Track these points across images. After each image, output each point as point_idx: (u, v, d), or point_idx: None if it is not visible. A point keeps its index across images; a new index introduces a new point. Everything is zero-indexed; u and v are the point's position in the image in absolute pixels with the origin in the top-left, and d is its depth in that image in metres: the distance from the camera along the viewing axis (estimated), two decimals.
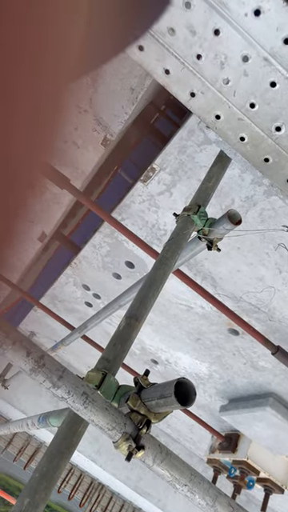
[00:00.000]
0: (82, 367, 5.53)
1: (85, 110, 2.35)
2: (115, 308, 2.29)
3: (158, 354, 4.11)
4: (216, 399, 4.11)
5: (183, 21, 0.87)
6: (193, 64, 0.93)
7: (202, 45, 0.90)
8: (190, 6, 0.85)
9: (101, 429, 0.96)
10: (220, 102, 0.95)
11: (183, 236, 1.46)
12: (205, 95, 0.96)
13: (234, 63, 0.89)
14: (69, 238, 4.58)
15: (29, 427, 2.00)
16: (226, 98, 0.94)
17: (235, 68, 0.89)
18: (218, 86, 0.93)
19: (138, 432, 0.96)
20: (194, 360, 3.84)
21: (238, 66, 0.89)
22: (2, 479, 19.37)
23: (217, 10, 0.83)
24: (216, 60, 0.90)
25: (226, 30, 0.86)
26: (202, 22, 0.86)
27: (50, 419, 1.70)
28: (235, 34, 0.85)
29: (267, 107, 0.93)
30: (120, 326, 1.25)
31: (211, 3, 0.82)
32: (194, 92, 0.97)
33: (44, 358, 0.93)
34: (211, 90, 0.94)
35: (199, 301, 3.10)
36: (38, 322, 4.89)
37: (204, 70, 0.92)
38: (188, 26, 0.88)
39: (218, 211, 2.36)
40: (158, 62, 0.95)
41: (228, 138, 1.01)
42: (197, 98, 0.97)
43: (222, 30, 0.86)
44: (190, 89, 0.97)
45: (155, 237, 2.84)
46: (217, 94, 0.95)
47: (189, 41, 0.90)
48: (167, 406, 0.94)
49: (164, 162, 2.34)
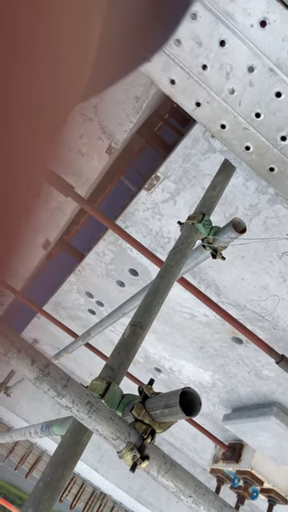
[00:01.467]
0: (85, 375, 5.51)
1: (90, 118, 2.36)
2: (119, 316, 2.28)
3: (161, 362, 4.09)
4: (219, 408, 4.08)
5: (189, 32, 0.88)
6: (198, 74, 0.93)
7: (208, 55, 0.91)
8: (196, 17, 0.86)
9: (105, 438, 0.95)
10: (225, 112, 0.96)
11: (188, 244, 1.46)
12: (210, 105, 0.97)
13: (240, 73, 0.90)
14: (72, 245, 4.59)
15: (32, 436, 1.99)
16: (232, 108, 0.94)
17: (241, 78, 0.90)
18: (224, 95, 0.94)
19: (143, 442, 0.95)
20: (197, 368, 3.82)
21: (243, 76, 0.90)
22: (3, 487, 19.23)
23: (222, 21, 0.84)
24: (221, 70, 0.90)
25: (231, 40, 0.86)
26: (208, 33, 0.87)
27: (53, 428, 1.69)
28: (241, 45, 0.86)
29: (273, 117, 0.94)
30: (124, 333, 1.24)
31: (217, 14, 0.83)
32: (199, 102, 0.98)
33: (49, 366, 0.93)
34: (216, 99, 0.95)
35: (203, 309, 3.10)
36: (41, 329, 4.88)
37: (209, 80, 0.93)
38: (194, 37, 0.89)
39: (222, 219, 2.36)
40: (164, 72, 0.96)
41: (233, 148, 1.01)
42: (202, 108, 0.98)
43: (227, 41, 0.87)
44: (196, 99, 0.98)
45: (159, 245, 2.84)
46: (222, 104, 0.95)
47: (195, 52, 0.91)
48: (172, 416, 0.94)
49: (168, 170, 2.35)
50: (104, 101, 2.23)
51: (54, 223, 3.33)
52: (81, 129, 2.46)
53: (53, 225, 3.35)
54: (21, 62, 0.14)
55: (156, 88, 2.05)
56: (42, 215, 3.28)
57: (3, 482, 19.17)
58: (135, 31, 0.25)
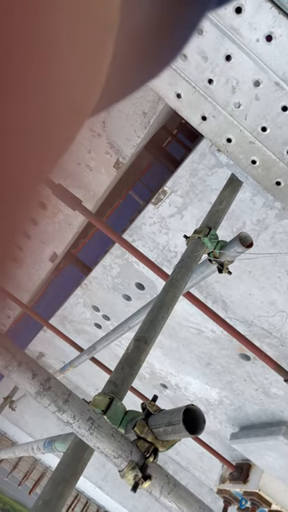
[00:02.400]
0: (91, 389, 5.45)
1: (98, 133, 2.38)
2: (125, 330, 2.26)
3: (167, 378, 4.04)
4: (226, 426, 4.00)
5: (195, 47, 0.89)
6: (204, 88, 0.93)
7: (214, 70, 0.91)
8: (202, 32, 0.86)
9: (106, 456, 0.93)
10: (231, 126, 0.96)
11: (194, 258, 1.45)
12: (216, 119, 0.97)
13: (246, 88, 0.90)
14: (79, 258, 4.60)
15: (34, 451, 1.96)
16: (238, 122, 0.94)
17: (247, 92, 0.90)
18: (230, 109, 0.94)
19: (145, 461, 0.93)
20: (204, 385, 3.76)
21: (249, 90, 0.90)
22: (7, 503, 18.95)
23: (228, 36, 0.84)
24: (227, 85, 0.91)
25: (237, 55, 0.87)
26: (214, 48, 0.87)
27: (56, 444, 1.66)
28: (247, 60, 0.86)
29: (279, 131, 0.93)
30: (128, 348, 1.22)
31: (223, 30, 0.84)
32: (205, 116, 0.98)
33: (50, 380, 0.91)
34: (222, 113, 0.95)
35: (210, 324, 3.06)
36: (48, 343, 4.86)
37: (215, 94, 0.93)
38: (200, 52, 0.89)
39: (229, 234, 2.35)
40: (170, 86, 0.96)
41: (239, 162, 1.00)
42: (208, 122, 0.98)
43: (233, 56, 0.87)
44: (202, 112, 0.98)
45: (166, 259, 2.83)
46: (228, 118, 0.95)
47: (201, 66, 0.91)
48: (175, 434, 0.91)
49: (175, 185, 2.35)
50: (112, 116, 2.25)
51: (61, 236, 3.34)
52: (89, 144, 2.49)
53: (60, 238, 3.36)
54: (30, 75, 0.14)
55: (163, 103, 2.07)
56: (49, 228, 3.30)
57: (7, 498, 18.90)
58: (144, 47, 0.25)
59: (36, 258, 3.77)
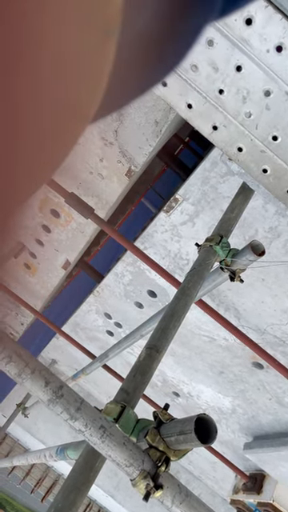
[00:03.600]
0: (103, 396, 5.45)
1: (110, 142, 2.41)
2: (136, 338, 2.26)
3: (179, 386, 4.02)
4: (240, 436, 3.95)
5: (206, 58, 0.90)
6: (215, 98, 0.94)
7: (225, 80, 0.92)
8: (213, 43, 0.87)
9: (118, 465, 0.93)
10: (242, 135, 0.96)
11: (205, 266, 1.45)
12: (227, 128, 0.97)
13: (256, 97, 0.90)
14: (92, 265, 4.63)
15: (46, 459, 1.96)
16: (249, 131, 0.95)
17: (257, 102, 0.91)
18: (241, 119, 0.94)
19: (157, 470, 0.93)
20: (216, 394, 3.73)
21: (260, 100, 0.90)
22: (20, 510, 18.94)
23: (239, 47, 0.85)
24: (238, 95, 0.91)
25: (247, 66, 0.87)
26: (225, 59, 0.88)
27: (68, 451, 1.67)
28: (257, 70, 0.87)
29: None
30: (140, 356, 1.23)
31: (233, 41, 0.85)
32: (216, 125, 0.99)
33: (62, 388, 0.92)
34: (233, 123, 0.96)
35: (222, 332, 3.04)
36: (60, 350, 4.88)
37: (226, 104, 0.94)
38: (210, 63, 0.90)
39: (241, 242, 2.34)
40: (181, 96, 0.97)
41: (251, 170, 1.01)
42: (219, 131, 0.99)
43: (243, 66, 0.88)
44: (213, 122, 0.98)
45: (177, 266, 2.83)
46: (239, 128, 0.96)
47: (211, 77, 0.92)
48: (187, 443, 0.91)
49: (187, 193, 2.35)
50: (124, 125, 2.27)
51: (74, 244, 3.37)
52: (101, 152, 2.51)
53: (73, 246, 3.39)
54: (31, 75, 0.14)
55: (175, 112, 2.08)
56: (62, 236, 3.33)
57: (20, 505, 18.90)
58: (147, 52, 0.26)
59: (49, 266, 3.81)
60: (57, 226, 3.27)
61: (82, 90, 0.17)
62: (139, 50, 0.24)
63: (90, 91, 0.18)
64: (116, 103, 0.27)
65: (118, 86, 0.25)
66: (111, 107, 0.27)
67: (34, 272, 3.93)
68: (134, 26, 0.21)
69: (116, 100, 0.27)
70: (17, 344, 0.90)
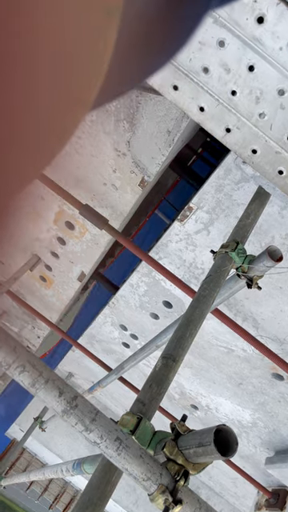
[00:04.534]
0: (120, 410, 5.38)
1: (123, 153, 2.41)
2: (152, 349, 2.23)
3: (197, 399, 3.94)
4: (261, 450, 3.84)
5: (217, 59, 0.88)
6: (227, 100, 0.93)
7: (237, 81, 0.90)
8: (224, 44, 0.86)
9: (135, 479, 0.89)
10: (256, 137, 0.94)
11: (221, 273, 1.42)
12: (240, 130, 0.95)
13: (270, 97, 0.88)
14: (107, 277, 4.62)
15: (63, 473, 1.92)
16: (263, 132, 0.93)
17: (271, 102, 0.89)
18: (254, 120, 0.92)
19: (175, 484, 0.89)
20: (235, 406, 3.64)
21: (273, 99, 0.88)
22: None
23: (251, 46, 0.83)
24: (251, 95, 0.89)
25: (260, 65, 0.86)
26: (236, 59, 0.87)
27: (85, 465, 1.63)
28: (270, 69, 0.85)
29: None
30: (156, 366, 1.20)
31: (245, 40, 0.83)
32: (229, 127, 0.97)
33: (77, 398, 0.89)
34: (247, 124, 0.94)
35: (240, 343, 2.98)
36: (76, 363, 4.86)
37: (239, 106, 0.92)
38: (222, 64, 0.89)
39: (257, 249, 2.30)
40: (193, 100, 0.96)
41: (266, 172, 0.98)
42: (232, 134, 0.97)
43: (256, 66, 0.86)
44: (226, 124, 0.97)
45: (193, 276, 2.80)
46: (253, 129, 0.94)
47: (223, 78, 0.90)
48: (206, 456, 0.87)
49: (201, 201, 2.33)
50: (136, 135, 2.28)
51: (89, 256, 3.37)
52: (114, 163, 2.52)
53: (88, 257, 3.39)
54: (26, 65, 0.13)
55: (187, 121, 2.08)
56: (76, 248, 3.34)
57: None
58: (147, 38, 0.24)
59: (64, 278, 3.81)
60: (71, 237, 3.28)
61: (82, 74, 0.16)
62: (139, 35, 0.23)
63: (90, 75, 0.17)
64: (117, 89, 0.26)
65: (119, 71, 0.24)
66: (112, 93, 0.26)
67: (50, 284, 3.94)
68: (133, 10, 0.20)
69: (117, 86, 0.26)
70: (31, 353, 0.88)
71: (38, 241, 3.49)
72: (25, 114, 0.14)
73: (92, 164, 2.63)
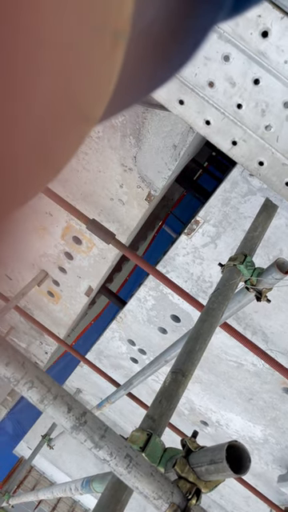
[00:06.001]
0: (129, 426, 5.31)
1: (129, 168, 2.43)
2: (161, 364, 2.21)
3: (207, 414, 3.88)
4: (273, 467, 3.75)
5: (222, 73, 0.89)
6: (233, 114, 0.93)
7: (242, 95, 0.91)
8: (229, 59, 0.87)
9: (145, 497, 0.87)
10: (263, 149, 0.94)
11: (230, 286, 1.41)
12: (247, 143, 0.96)
13: (276, 110, 0.89)
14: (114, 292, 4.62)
15: (72, 492, 1.89)
16: (269, 144, 0.93)
17: (277, 114, 0.89)
18: (260, 132, 0.93)
19: (187, 503, 0.87)
20: (246, 422, 3.58)
21: (279, 112, 0.89)
22: None
23: (256, 60, 0.84)
24: (257, 108, 0.90)
25: (265, 78, 0.86)
26: (242, 73, 0.88)
27: (94, 484, 1.60)
28: (275, 82, 0.85)
29: None
30: (165, 381, 1.18)
31: (250, 54, 0.84)
32: (235, 140, 0.97)
33: (86, 414, 0.88)
34: (253, 137, 0.94)
35: (250, 357, 2.94)
36: (85, 379, 4.82)
37: (245, 119, 0.93)
38: (227, 78, 0.90)
39: (265, 262, 2.29)
40: (199, 114, 0.97)
41: (273, 184, 0.98)
42: (239, 146, 0.97)
43: (261, 79, 0.87)
44: (232, 137, 0.97)
45: (201, 289, 2.78)
46: (259, 141, 0.94)
47: (229, 92, 0.91)
48: (218, 474, 0.85)
49: (208, 215, 2.33)
50: (143, 150, 2.30)
51: (96, 270, 3.37)
52: (121, 178, 2.54)
53: (95, 272, 3.39)
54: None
55: (193, 135, 2.09)
56: (84, 263, 3.34)
57: None
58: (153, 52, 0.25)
59: (72, 293, 3.81)
60: (79, 252, 3.29)
61: (90, 91, 0.17)
62: (146, 49, 0.23)
63: (97, 92, 0.17)
64: (122, 103, 0.27)
65: (125, 85, 0.24)
66: (117, 107, 0.27)
67: (58, 300, 3.94)
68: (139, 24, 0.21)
69: (122, 100, 0.26)
70: (39, 369, 0.87)
71: (45, 256, 3.50)
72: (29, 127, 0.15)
73: (99, 179, 2.65)
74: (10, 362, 0.85)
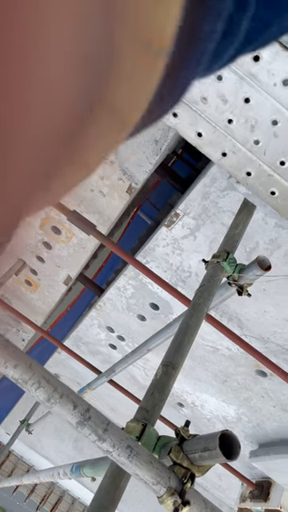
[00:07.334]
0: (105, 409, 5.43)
1: (111, 161, 2.46)
2: (143, 352, 2.30)
3: (183, 396, 4.04)
4: (245, 444, 3.97)
5: (215, 91, 0.95)
6: (224, 128, 1.00)
7: (233, 111, 0.97)
8: (222, 78, 0.93)
9: (145, 483, 0.96)
10: (250, 161, 1.01)
11: (214, 282, 1.50)
12: (236, 155, 1.02)
13: (264, 127, 0.96)
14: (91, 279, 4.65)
15: (60, 477, 1.97)
16: (257, 157, 1.00)
17: (265, 131, 0.96)
18: (249, 146, 1.00)
19: (183, 486, 0.96)
20: (220, 403, 3.75)
21: (267, 129, 0.95)
22: None
23: (247, 81, 0.90)
24: (247, 124, 0.97)
25: (256, 98, 0.93)
26: (233, 92, 0.94)
27: (84, 469, 1.68)
28: (265, 102, 0.92)
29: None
30: (157, 374, 1.26)
31: (241, 76, 0.90)
32: (225, 152, 1.04)
33: (90, 410, 0.95)
34: (242, 150, 1.01)
35: (225, 342, 3.08)
36: (63, 365, 4.88)
37: (235, 133, 0.99)
38: (220, 95, 0.95)
39: (242, 254, 2.39)
40: (191, 126, 1.02)
41: (259, 193, 1.06)
42: (228, 158, 1.04)
43: (252, 98, 0.93)
44: (222, 149, 1.04)
45: (180, 279, 2.87)
46: (247, 154, 1.01)
47: (220, 108, 0.97)
48: (212, 459, 0.94)
49: (187, 208, 2.41)
50: (125, 144, 2.33)
51: (75, 260, 3.40)
52: (102, 171, 2.56)
53: (74, 261, 3.42)
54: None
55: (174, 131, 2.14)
56: (63, 252, 3.36)
57: None
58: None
59: (50, 282, 3.83)
60: (58, 242, 3.30)
61: (129, 103, 0.17)
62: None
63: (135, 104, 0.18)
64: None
65: None
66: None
67: (36, 288, 3.95)
68: None
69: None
70: (44, 369, 0.93)
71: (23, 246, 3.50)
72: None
73: None
74: (18, 365, 0.90)
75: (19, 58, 0.12)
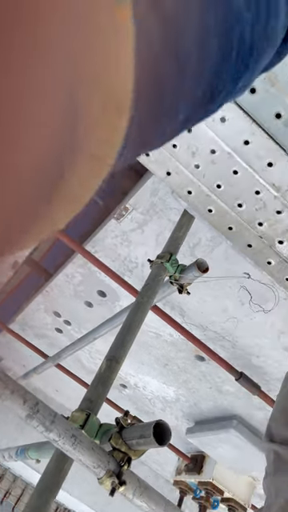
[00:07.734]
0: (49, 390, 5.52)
1: None
2: (90, 340, 2.41)
3: (127, 378, 4.22)
4: (182, 422, 4.25)
5: None
6: (170, 151, 1.10)
7: (177, 138, 1.07)
8: None
9: (87, 467, 1.08)
10: (191, 182, 1.13)
11: (157, 282, 1.62)
12: (179, 175, 1.13)
13: (204, 154, 1.07)
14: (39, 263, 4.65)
15: (5, 459, 2.06)
16: (197, 179, 1.11)
17: (204, 157, 1.07)
18: (191, 169, 1.11)
19: (120, 469, 1.09)
20: (161, 384, 3.98)
21: (206, 156, 1.07)
22: None
23: None
24: (189, 150, 1.07)
25: (197, 129, 1.03)
26: None
27: (29, 452, 1.78)
28: (205, 133, 1.03)
29: (231, 188, 1.12)
30: (101, 368, 1.38)
31: None
32: (169, 171, 1.14)
33: (38, 404, 1.05)
34: (184, 172, 1.12)
35: (168, 329, 3.26)
36: (6, 347, 4.88)
37: (179, 156, 1.10)
38: None
39: (186, 249, 2.55)
40: None
41: (198, 209, 1.18)
42: (172, 177, 1.15)
43: (193, 129, 1.04)
44: (167, 169, 1.14)
45: (127, 269, 2.99)
46: (189, 176, 1.12)
47: None
48: (146, 445, 1.08)
49: (137, 203, 2.51)
50: None
51: None
52: None
53: None
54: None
55: None
56: None
57: None
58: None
59: None
60: None
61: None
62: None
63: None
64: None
65: None
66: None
67: None
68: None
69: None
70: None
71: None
72: None
73: None
74: None
75: None
